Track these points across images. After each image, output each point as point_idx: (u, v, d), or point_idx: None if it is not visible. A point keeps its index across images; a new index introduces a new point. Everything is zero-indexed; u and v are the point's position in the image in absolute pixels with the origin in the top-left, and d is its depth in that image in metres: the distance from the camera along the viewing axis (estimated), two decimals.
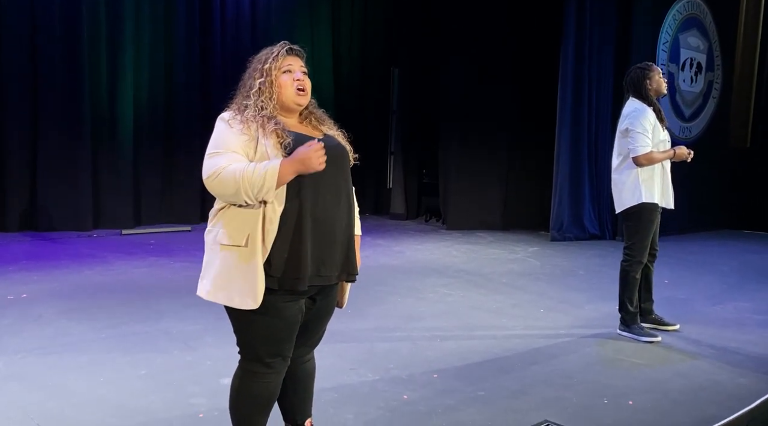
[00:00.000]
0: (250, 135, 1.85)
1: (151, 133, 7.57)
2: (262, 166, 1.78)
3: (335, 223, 1.90)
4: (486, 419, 2.60)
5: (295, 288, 1.84)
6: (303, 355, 2.10)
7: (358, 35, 9.53)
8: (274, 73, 1.93)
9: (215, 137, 1.90)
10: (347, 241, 1.96)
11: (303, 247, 1.83)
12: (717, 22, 8.53)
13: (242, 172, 1.78)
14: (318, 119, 2.06)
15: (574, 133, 7.41)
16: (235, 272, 1.83)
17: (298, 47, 2.02)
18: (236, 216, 1.85)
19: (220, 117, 1.93)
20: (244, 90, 1.96)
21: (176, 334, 3.59)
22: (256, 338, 1.91)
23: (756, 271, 5.87)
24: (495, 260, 6.15)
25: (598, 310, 4.34)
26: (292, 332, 1.94)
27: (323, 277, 1.90)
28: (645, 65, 3.80)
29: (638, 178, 3.65)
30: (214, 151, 1.86)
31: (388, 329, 3.82)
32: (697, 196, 8.06)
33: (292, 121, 1.99)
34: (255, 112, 1.88)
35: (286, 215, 1.82)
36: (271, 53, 1.96)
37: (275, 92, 1.92)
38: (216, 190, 1.85)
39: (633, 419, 2.65)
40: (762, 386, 2.98)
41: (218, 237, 1.89)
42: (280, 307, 1.86)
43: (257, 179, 1.76)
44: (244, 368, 1.97)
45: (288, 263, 1.82)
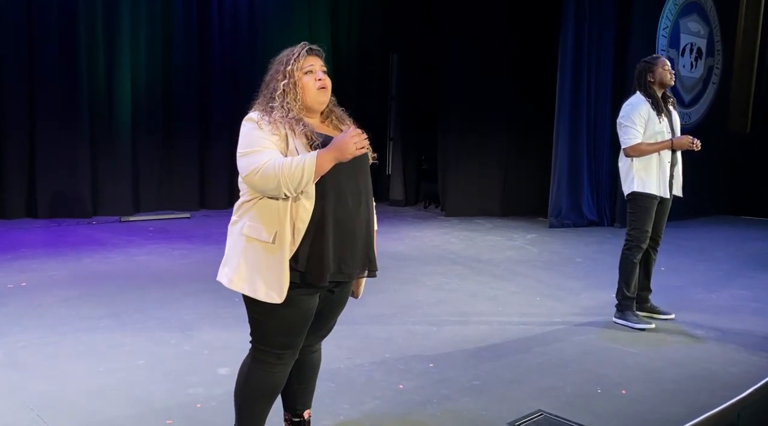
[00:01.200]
0: (280, 135, 1.90)
1: (149, 119, 7.55)
2: (300, 158, 1.82)
3: (356, 222, 1.94)
4: (480, 408, 2.63)
5: (316, 284, 1.90)
6: (312, 344, 2.15)
7: (356, 20, 9.46)
8: (296, 75, 1.96)
9: (247, 136, 1.92)
10: (367, 239, 2.01)
11: (326, 245, 1.88)
12: (718, 6, 8.46)
13: (281, 166, 1.81)
14: (338, 118, 2.10)
15: (572, 120, 7.39)
16: (262, 266, 1.88)
17: (317, 47, 2.05)
18: (265, 211, 1.89)
19: (248, 117, 1.96)
20: (267, 92, 1.99)
21: (175, 322, 3.61)
22: (272, 329, 1.96)
23: (753, 258, 5.89)
24: (493, 247, 6.17)
25: (595, 298, 4.36)
26: (305, 326, 2.00)
27: (344, 273, 1.95)
28: (650, 58, 3.85)
29: (632, 167, 3.74)
30: (250, 150, 1.89)
31: (386, 317, 3.84)
32: (695, 182, 8.02)
33: (315, 121, 2.03)
34: (283, 114, 1.92)
35: (313, 213, 1.87)
36: (293, 54, 1.99)
37: (299, 93, 1.96)
38: (257, 186, 1.87)
39: (626, 408, 2.68)
40: (754, 375, 3.01)
41: (245, 229, 1.92)
42: (299, 301, 1.91)
43: (296, 171, 1.79)
44: (255, 357, 2.01)
45: (311, 260, 1.88)
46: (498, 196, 8.23)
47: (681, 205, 7.83)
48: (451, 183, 8.20)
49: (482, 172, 8.13)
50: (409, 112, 9.24)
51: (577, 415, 2.58)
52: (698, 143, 3.72)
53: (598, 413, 2.63)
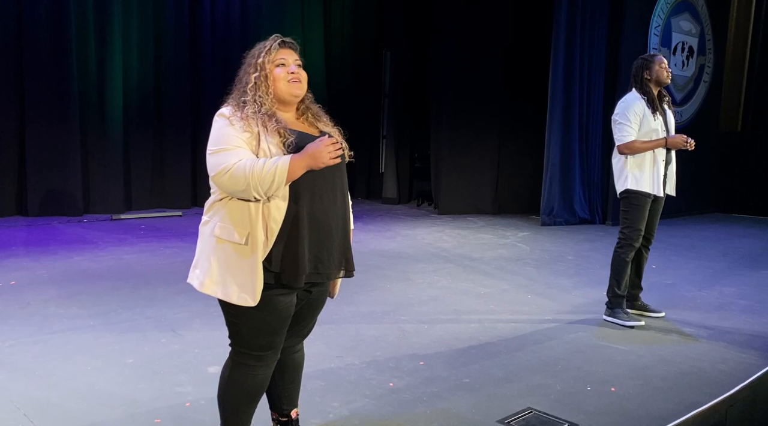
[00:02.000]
0: (252, 132, 1.85)
1: (141, 116, 7.52)
2: (272, 162, 1.78)
3: (332, 221, 1.92)
4: (470, 407, 2.63)
5: (291, 285, 1.87)
6: (293, 344, 2.13)
7: (349, 19, 9.45)
8: (268, 67, 1.92)
9: (217, 133, 1.87)
10: (344, 238, 1.98)
11: (300, 245, 1.84)
12: (709, 5, 8.49)
13: (252, 168, 1.77)
14: (315, 115, 2.05)
15: (564, 118, 7.40)
16: (234, 268, 1.84)
17: (290, 40, 2.01)
18: (237, 212, 1.85)
19: (220, 113, 1.91)
20: (240, 86, 1.95)
21: (165, 321, 3.60)
22: (249, 331, 1.92)
23: (742, 255, 5.92)
24: (485, 245, 6.18)
25: (585, 295, 4.37)
26: (284, 326, 1.96)
27: (321, 274, 1.92)
28: (647, 56, 3.85)
29: (626, 165, 3.73)
30: (220, 148, 1.84)
31: (377, 316, 3.84)
32: (687, 180, 8.08)
33: (290, 115, 1.99)
34: (255, 110, 1.88)
35: (287, 212, 1.84)
36: (264, 47, 1.95)
37: (271, 86, 1.92)
38: (226, 186, 1.83)
39: (615, 406, 2.69)
40: (742, 372, 3.02)
41: (216, 230, 1.88)
42: (276, 301, 1.88)
43: (267, 175, 1.76)
44: (235, 360, 1.98)
45: (286, 260, 1.84)
46: (490, 194, 8.24)
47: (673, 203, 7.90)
48: (443, 181, 8.21)
49: (475, 170, 8.14)
50: (402, 110, 9.24)
51: (567, 413, 2.59)
52: (692, 142, 3.72)
53: (588, 410, 2.63)
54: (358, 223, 7.40)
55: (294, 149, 1.83)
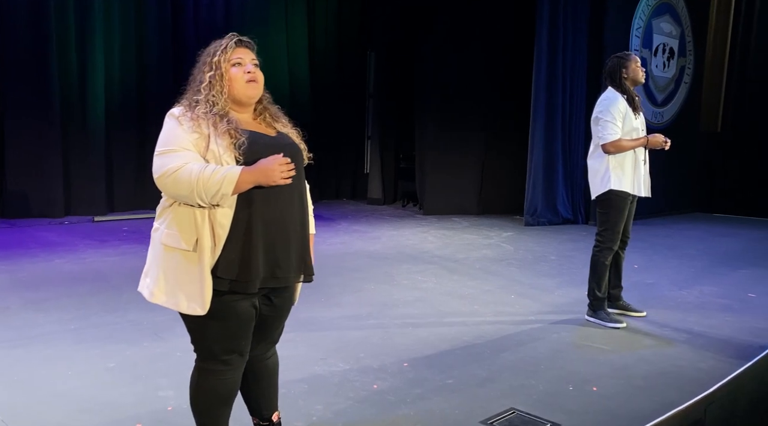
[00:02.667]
0: (201, 133, 1.80)
1: (123, 116, 7.45)
2: (221, 172, 1.73)
3: (288, 224, 1.87)
4: (453, 408, 2.65)
5: (244, 291, 1.82)
6: (264, 352, 2.08)
7: (333, 19, 9.43)
8: (223, 66, 1.87)
9: (165, 134, 1.83)
10: (302, 242, 1.93)
11: (254, 249, 1.79)
12: (689, 7, 8.60)
13: (198, 174, 1.72)
14: (273, 116, 2.00)
15: (548, 119, 7.46)
16: (182, 276, 1.80)
17: (248, 39, 1.96)
18: (184, 217, 1.80)
19: (170, 113, 1.87)
20: (194, 85, 1.90)
21: (147, 324, 3.57)
22: (210, 338, 1.88)
23: (722, 255, 6.01)
24: (469, 246, 6.21)
25: (568, 295, 4.41)
26: (247, 329, 1.91)
27: (279, 278, 1.88)
28: (623, 54, 3.84)
29: (608, 165, 3.70)
30: (166, 149, 1.80)
31: (361, 317, 3.84)
32: (668, 180, 8.18)
33: (246, 116, 1.93)
34: (207, 109, 1.82)
35: (237, 216, 1.79)
36: (220, 46, 1.90)
37: (226, 86, 1.87)
38: (169, 190, 1.79)
39: (597, 405, 2.72)
40: (721, 371, 3.07)
41: (163, 238, 1.84)
42: (232, 307, 1.83)
43: (213, 184, 1.71)
44: (201, 367, 1.94)
45: (238, 266, 1.79)
46: (475, 195, 8.28)
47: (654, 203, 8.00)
48: (428, 181, 8.23)
49: (460, 171, 8.17)
50: (386, 110, 9.24)
51: (549, 413, 2.61)
52: (668, 141, 3.75)
53: (570, 410, 2.66)
54: (342, 223, 7.40)
55: (246, 150, 1.78)
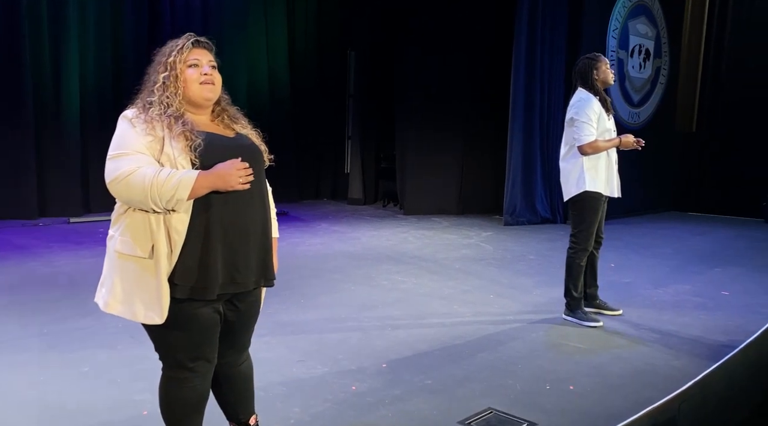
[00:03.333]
0: (155, 135, 1.74)
1: (99, 116, 7.34)
2: (176, 176, 1.67)
3: (248, 228, 1.82)
4: (432, 408, 2.65)
5: (203, 297, 1.77)
6: (236, 359, 2.03)
7: (313, 19, 9.41)
8: (179, 67, 1.82)
9: (117, 137, 1.77)
10: (263, 245, 1.89)
11: (212, 254, 1.75)
12: (664, 9, 8.73)
13: (152, 178, 1.67)
14: (231, 117, 1.95)
15: (526, 119, 7.52)
16: (138, 285, 1.75)
17: (205, 39, 1.91)
18: (139, 224, 1.74)
19: (123, 115, 1.80)
20: (148, 85, 1.84)
21: (122, 327, 3.52)
22: (174, 347, 1.84)
23: (697, 253, 6.11)
24: (449, 246, 6.23)
25: (546, 295, 4.45)
26: (211, 335, 1.86)
27: (238, 283, 1.83)
28: (593, 56, 3.86)
29: (583, 166, 3.73)
30: (119, 153, 1.73)
31: (340, 319, 3.83)
32: (644, 179, 8.30)
33: (203, 118, 1.88)
34: (161, 111, 1.77)
35: (194, 221, 1.74)
36: (176, 46, 1.85)
37: (180, 87, 1.81)
38: (121, 195, 1.73)
39: (573, 404, 2.74)
40: (694, 368, 3.12)
41: (117, 245, 1.78)
42: (193, 314, 1.79)
43: (168, 189, 1.66)
44: (168, 375, 1.90)
45: (197, 272, 1.74)
46: (455, 195, 8.31)
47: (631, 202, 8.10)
48: (409, 181, 8.25)
49: (440, 171, 8.20)
50: (367, 110, 9.24)
51: (527, 412, 2.63)
52: (641, 142, 3.79)
53: (547, 409, 2.68)
54: (323, 224, 7.38)
55: (202, 152, 1.74)
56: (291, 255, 5.60)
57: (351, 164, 9.44)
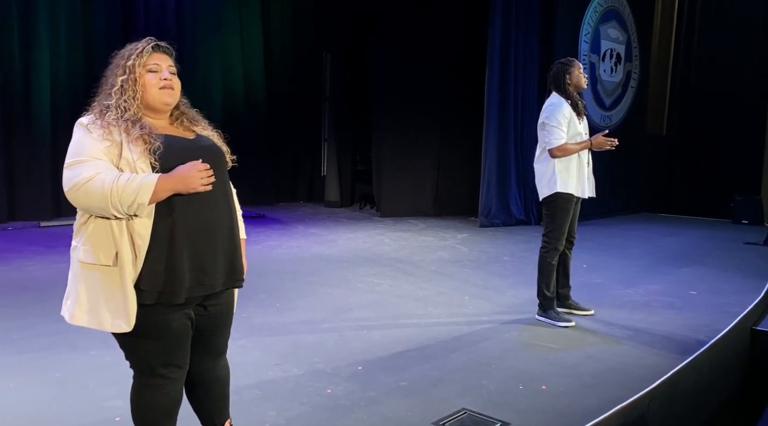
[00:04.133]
0: (113, 140, 1.72)
1: (70, 118, 7.13)
2: (137, 181, 1.66)
3: (214, 228, 1.80)
4: (407, 410, 2.67)
5: (171, 302, 1.75)
6: (213, 365, 2.01)
7: (288, 21, 9.39)
8: (138, 71, 1.80)
9: (74, 145, 1.75)
10: (231, 246, 1.87)
11: (178, 257, 1.73)
12: (635, 14, 8.91)
13: (112, 184, 1.65)
14: (191, 119, 1.93)
15: (500, 122, 7.60)
16: (104, 293, 1.73)
17: (166, 44, 1.89)
18: (101, 232, 1.72)
19: (78, 122, 1.78)
20: (105, 88, 1.82)
21: (95, 332, 3.41)
22: (145, 354, 1.82)
23: (667, 254, 6.23)
24: (425, 247, 6.27)
25: (520, 295, 4.51)
26: (183, 341, 1.85)
27: (206, 285, 1.81)
28: (566, 61, 3.94)
29: (554, 168, 3.81)
30: (76, 160, 1.71)
31: (316, 322, 3.84)
32: (616, 181, 8.45)
33: (162, 122, 1.87)
34: (117, 115, 1.75)
35: (158, 224, 1.72)
36: (136, 49, 1.83)
37: (139, 91, 1.80)
38: (81, 203, 1.71)
39: (546, 403, 2.79)
40: (663, 366, 3.19)
41: (80, 255, 1.76)
42: (163, 320, 1.77)
43: (129, 194, 1.64)
44: (140, 382, 1.88)
45: (163, 275, 1.72)
46: (431, 197, 8.37)
47: (604, 203, 8.22)
48: (385, 184, 8.28)
49: (416, 173, 8.25)
50: (343, 112, 9.25)
51: (500, 412, 2.66)
52: (614, 141, 3.85)
53: (520, 409, 2.72)
54: (299, 227, 7.36)
55: (162, 154, 1.72)
56: (267, 258, 5.58)
57: (327, 167, 9.44)
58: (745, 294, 4.62)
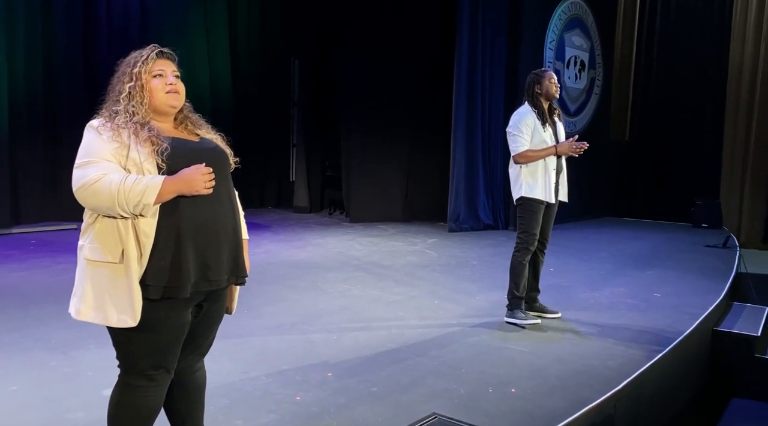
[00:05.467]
0: (121, 142, 1.79)
1: (30, 124, 7.04)
2: (143, 182, 1.73)
3: (218, 227, 1.87)
4: (377, 415, 2.66)
5: (176, 296, 1.80)
6: (193, 364, 2.05)
7: (256, 27, 9.33)
8: (144, 77, 1.88)
9: (84, 146, 1.82)
10: (234, 243, 1.93)
11: (184, 253, 1.79)
12: (598, 23, 9.11)
13: (119, 184, 1.72)
14: (194, 123, 2.02)
15: (468, 129, 7.67)
16: (110, 290, 1.78)
17: (169, 50, 1.97)
18: (107, 230, 1.79)
19: (89, 124, 1.86)
20: (113, 95, 1.90)
21: (56, 343, 3.38)
22: (138, 351, 1.85)
23: (631, 257, 6.36)
24: (395, 252, 6.27)
25: (488, 299, 4.54)
26: (177, 344, 1.90)
27: (211, 281, 1.86)
28: (539, 71, 4.06)
29: (520, 174, 3.93)
30: (85, 161, 1.78)
31: (285, 328, 3.80)
32: (581, 186, 8.59)
33: (167, 125, 1.94)
34: (126, 119, 1.83)
35: (164, 222, 1.78)
36: (141, 56, 1.91)
37: (146, 97, 1.88)
38: (89, 202, 1.77)
39: (515, 406, 2.81)
40: (629, 367, 3.25)
41: (87, 253, 1.82)
42: (164, 318, 1.82)
43: (135, 195, 1.71)
44: (125, 382, 1.90)
45: (168, 271, 1.78)
46: (401, 202, 8.38)
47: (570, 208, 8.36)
48: (355, 189, 8.26)
49: (385, 179, 8.26)
50: (312, 118, 9.22)
51: (470, 416, 2.67)
52: (581, 146, 3.92)
53: (490, 412, 2.73)
54: (267, 233, 7.29)
55: (169, 155, 1.79)
56: None
57: (296, 172, 9.38)
58: (706, 295, 4.74)
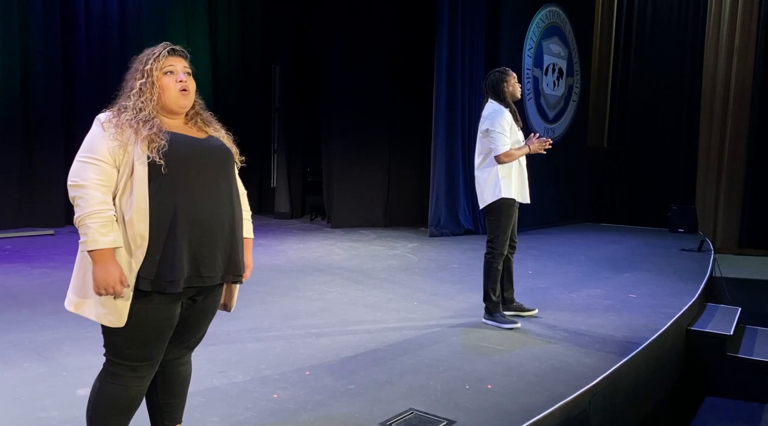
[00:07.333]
0: (122, 141, 1.82)
1: (5, 127, 6.96)
2: (93, 229, 1.75)
3: (215, 224, 1.88)
4: (354, 411, 2.67)
5: (168, 290, 1.81)
6: (180, 357, 2.07)
7: (236, 32, 9.34)
8: (155, 74, 1.92)
9: (88, 139, 1.87)
10: (231, 241, 1.94)
11: (178, 248, 1.80)
12: (575, 31, 9.26)
13: (86, 208, 1.77)
14: (205, 121, 2.06)
15: (448, 136, 7.74)
16: None
17: (180, 48, 2.01)
18: None
19: (98, 118, 1.89)
20: (125, 91, 1.94)
21: (29, 344, 3.33)
22: (125, 342, 1.86)
23: (607, 260, 6.45)
24: (375, 257, 6.28)
25: (467, 301, 4.57)
26: (164, 338, 1.90)
27: (204, 277, 1.88)
28: (503, 70, 4.06)
29: (498, 175, 3.90)
30: (85, 156, 1.83)
31: (263, 329, 3.79)
32: (559, 192, 8.71)
33: (177, 122, 1.98)
34: (132, 115, 1.85)
35: (160, 217, 1.80)
36: (153, 54, 1.94)
37: (156, 94, 1.91)
38: (70, 196, 1.84)
39: (491, 402, 2.83)
40: (603, 364, 3.29)
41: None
42: (153, 311, 1.84)
43: (83, 228, 1.77)
44: (108, 370, 1.91)
45: (161, 265, 1.80)
46: (382, 207, 8.41)
47: (547, 213, 8.45)
48: (336, 195, 8.28)
49: (366, 184, 8.29)
50: (293, 123, 9.23)
51: (446, 411, 2.69)
52: (547, 140, 3.90)
53: (466, 408, 2.75)
54: None
55: (166, 152, 1.81)
56: None
57: (277, 178, 9.37)
58: (681, 296, 4.82)
